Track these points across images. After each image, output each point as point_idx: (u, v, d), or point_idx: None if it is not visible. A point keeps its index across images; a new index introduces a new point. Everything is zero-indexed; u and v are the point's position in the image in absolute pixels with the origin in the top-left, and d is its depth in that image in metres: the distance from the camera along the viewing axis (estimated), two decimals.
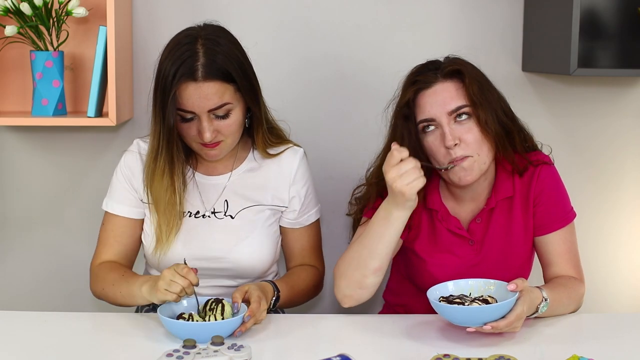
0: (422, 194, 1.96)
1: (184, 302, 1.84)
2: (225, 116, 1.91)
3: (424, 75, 1.93)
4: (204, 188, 2.04)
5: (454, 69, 1.91)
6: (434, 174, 2.00)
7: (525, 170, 1.98)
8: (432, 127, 1.91)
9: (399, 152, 1.77)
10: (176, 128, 1.91)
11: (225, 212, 2.02)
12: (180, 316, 1.77)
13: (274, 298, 1.93)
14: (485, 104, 1.89)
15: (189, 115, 1.90)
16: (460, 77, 1.91)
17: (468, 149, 1.88)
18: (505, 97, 1.98)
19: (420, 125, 1.92)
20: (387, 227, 1.84)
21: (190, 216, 2.02)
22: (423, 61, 2.01)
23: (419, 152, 1.92)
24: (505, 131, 1.93)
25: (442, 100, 1.89)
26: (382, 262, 1.86)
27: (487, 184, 1.99)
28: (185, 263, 1.84)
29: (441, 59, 1.97)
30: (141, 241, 2.06)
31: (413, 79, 1.94)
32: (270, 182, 2.05)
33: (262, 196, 2.04)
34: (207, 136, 1.89)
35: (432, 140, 1.91)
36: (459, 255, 1.97)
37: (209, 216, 2.02)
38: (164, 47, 1.92)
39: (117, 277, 1.96)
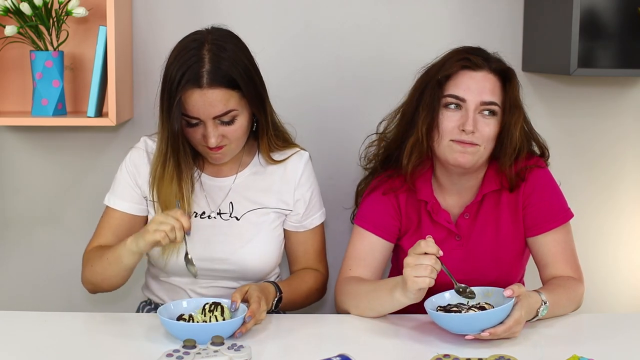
0: (414, 185, 2.01)
1: (184, 302, 1.84)
2: (231, 122, 1.90)
3: (475, 57, 1.96)
4: (210, 189, 2.04)
5: (504, 68, 1.96)
6: (427, 166, 2.02)
7: (516, 187, 1.99)
8: (455, 107, 1.93)
9: (426, 244, 1.75)
10: (182, 132, 1.91)
11: (231, 214, 2.02)
12: (180, 317, 1.77)
13: (275, 299, 1.94)
14: (515, 113, 1.93)
15: (194, 121, 1.90)
16: (505, 79, 1.95)
17: (480, 140, 1.91)
18: None
19: (446, 100, 1.94)
20: (389, 301, 1.85)
21: (195, 216, 2.01)
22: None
23: (427, 120, 1.95)
24: (515, 146, 1.95)
25: (482, 88, 1.92)
26: (387, 313, 1.90)
27: (477, 182, 2.00)
28: (178, 207, 1.83)
29: (490, 52, 2.00)
30: None
31: (464, 55, 1.97)
32: (275, 186, 2.05)
33: (267, 199, 2.04)
34: (212, 141, 1.89)
35: (449, 116, 1.93)
36: (445, 251, 1.97)
37: (214, 217, 2.02)
38: (171, 51, 1.92)
39: (104, 250, 1.96)
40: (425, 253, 1.75)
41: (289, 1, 2.49)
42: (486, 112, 1.92)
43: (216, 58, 1.86)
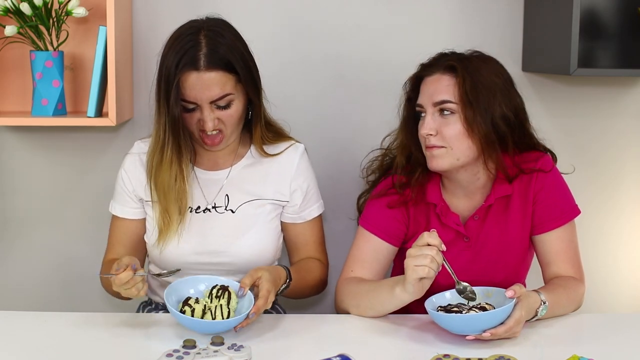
0: (423, 189, 2.02)
1: (191, 290, 1.83)
2: (227, 106, 1.92)
3: (430, 63, 1.99)
4: (204, 183, 2.05)
5: (452, 65, 1.94)
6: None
7: (515, 178, 1.98)
8: (422, 114, 1.96)
9: (429, 236, 1.77)
10: (180, 117, 1.93)
11: (226, 207, 2.03)
12: (186, 302, 1.77)
13: (284, 285, 1.93)
14: (477, 104, 1.90)
15: (191, 106, 1.91)
16: (457, 73, 1.93)
17: (443, 142, 1.92)
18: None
19: (416, 109, 1.98)
20: (389, 298, 1.85)
21: (191, 211, 2.02)
22: (422, 60, 2.03)
23: (411, 135, 2.00)
24: (498, 135, 1.93)
25: (432, 90, 1.94)
26: (387, 313, 1.90)
27: (482, 182, 1.99)
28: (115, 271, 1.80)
29: (465, 53, 1.99)
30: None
31: (420, 65, 2.00)
32: (271, 176, 2.06)
33: (263, 190, 2.05)
34: (209, 125, 1.91)
35: (419, 125, 1.97)
36: (453, 252, 1.97)
37: (209, 210, 2.03)
38: (167, 39, 1.94)
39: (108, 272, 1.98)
40: (428, 244, 1.75)
41: (289, 1, 2.49)
42: (444, 113, 1.92)
43: (213, 42, 1.89)
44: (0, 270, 2.60)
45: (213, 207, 2.03)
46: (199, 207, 2.03)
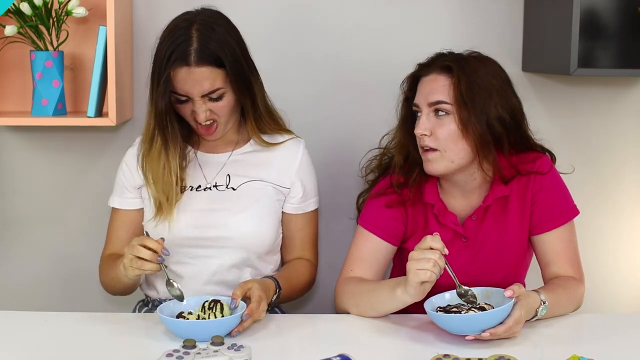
0: (420, 189, 2.01)
1: (184, 301, 1.84)
2: (219, 98, 1.95)
3: (427, 63, 1.98)
4: (206, 165, 2.07)
5: (448, 65, 1.94)
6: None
7: (511, 179, 1.97)
8: (418, 114, 1.95)
9: (432, 239, 1.76)
10: (173, 108, 1.96)
11: (227, 185, 2.04)
12: (180, 315, 1.77)
13: (275, 296, 1.94)
14: (473, 105, 1.89)
15: (183, 98, 1.94)
16: (453, 74, 1.92)
17: (436, 143, 1.91)
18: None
19: (413, 109, 1.98)
20: (389, 299, 1.85)
21: (191, 190, 2.04)
22: (422, 60, 2.03)
23: (408, 134, 1.99)
24: (494, 136, 1.92)
25: (428, 90, 1.93)
26: (387, 313, 1.90)
27: (478, 183, 1.99)
28: (146, 233, 1.87)
29: (463, 53, 1.99)
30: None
31: (421, 63, 2.00)
32: (274, 163, 2.07)
33: (266, 173, 2.06)
34: (202, 117, 1.95)
35: (415, 124, 1.96)
36: (452, 252, 1.97)
37: (210, 189, 2.04)
38: (162, 30, 1.97)
39: (110, 265, 2.01)
40: (431, 248, 1.75)
41: (288, 1, 2.49)
42: (440, 113, 1.91)
43: (204, 37, 1.91)
44: (0, 270, 2.60)
45: (214, 186, 2.04)
46: (199, 186, 2.04)
